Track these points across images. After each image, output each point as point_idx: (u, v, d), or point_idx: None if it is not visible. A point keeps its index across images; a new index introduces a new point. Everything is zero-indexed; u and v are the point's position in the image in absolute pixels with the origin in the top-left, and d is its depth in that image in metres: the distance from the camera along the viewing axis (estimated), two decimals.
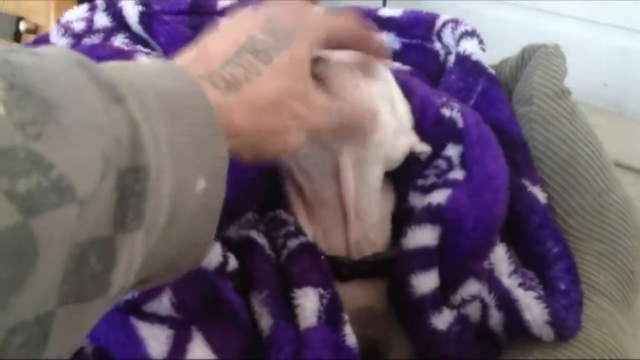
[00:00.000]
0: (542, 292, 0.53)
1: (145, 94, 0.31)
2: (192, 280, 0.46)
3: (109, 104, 0.28)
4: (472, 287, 0.53)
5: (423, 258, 0.52)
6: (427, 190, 0.56)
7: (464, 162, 0.56)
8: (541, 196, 0.61)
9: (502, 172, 0.56)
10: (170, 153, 0.31)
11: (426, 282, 0.52)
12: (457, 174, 0.56)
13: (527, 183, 0.61)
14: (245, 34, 0.41)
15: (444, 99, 0.58)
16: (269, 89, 0.39)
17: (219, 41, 0.41)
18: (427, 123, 0.57)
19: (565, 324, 0.52)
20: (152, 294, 0.42)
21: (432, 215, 0.53)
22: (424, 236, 0.53)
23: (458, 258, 0.53)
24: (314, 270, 0.51)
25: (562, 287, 0.55)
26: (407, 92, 0.58)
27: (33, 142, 0.24)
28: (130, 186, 0.28)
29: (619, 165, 0.96)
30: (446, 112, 0.57)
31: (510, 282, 0.54)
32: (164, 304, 0.43)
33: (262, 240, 0.53)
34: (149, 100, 0.31)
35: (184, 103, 0.32)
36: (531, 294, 0.53)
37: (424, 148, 0.57)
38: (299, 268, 0.51)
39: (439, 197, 0.54)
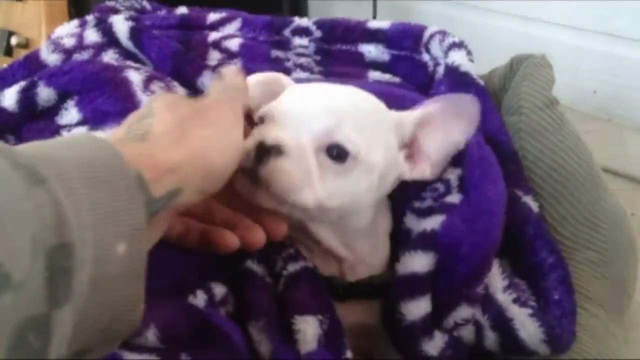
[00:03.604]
0: (535, 306, 0.53)
1: (68, 167, 0.33)
2: (178, 312, 0.46)
3: (31, 188, 0.30)
4: (464, 312, 0.53)
5: (413, 286, 0.52)
6: (423, 213, 0.55)
7: (462, 185, 0.56)
8: (534, 205, 0.61)
9: (501, 196, 0.55)
10: (92, 222, 0.32)
11: (415, 310, 0.52)
12: (454, 198, 0.55)
13: (520, 193, 0.61)
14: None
15: None
16: (167, 121, 0.43)
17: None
18: None
19: (560, 340, 0.52)
20: (137, 331, 0.42)
21: (426, 242, 0.53)
22: (415, 263, 0.52)
23: (453, 283, 0.52)
24: (314, 296, 0.50)
25: (556, 297, 0.55)
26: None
27: None
28: (59, 263, 0.29)
29: (609, 171, 0.96)
30: None
31: (504, 297, 0.54)
32: (149, 339, 0.43)
33: (257, 268, 0.52)
34: (70, 174, 0.32)
35: (104, 171, 0.34)
36: (526, 311, 0.53)
37: (414, 175, 0.55)
38: (299, 295, 0.50)
39: (434, 223, 0.53)
